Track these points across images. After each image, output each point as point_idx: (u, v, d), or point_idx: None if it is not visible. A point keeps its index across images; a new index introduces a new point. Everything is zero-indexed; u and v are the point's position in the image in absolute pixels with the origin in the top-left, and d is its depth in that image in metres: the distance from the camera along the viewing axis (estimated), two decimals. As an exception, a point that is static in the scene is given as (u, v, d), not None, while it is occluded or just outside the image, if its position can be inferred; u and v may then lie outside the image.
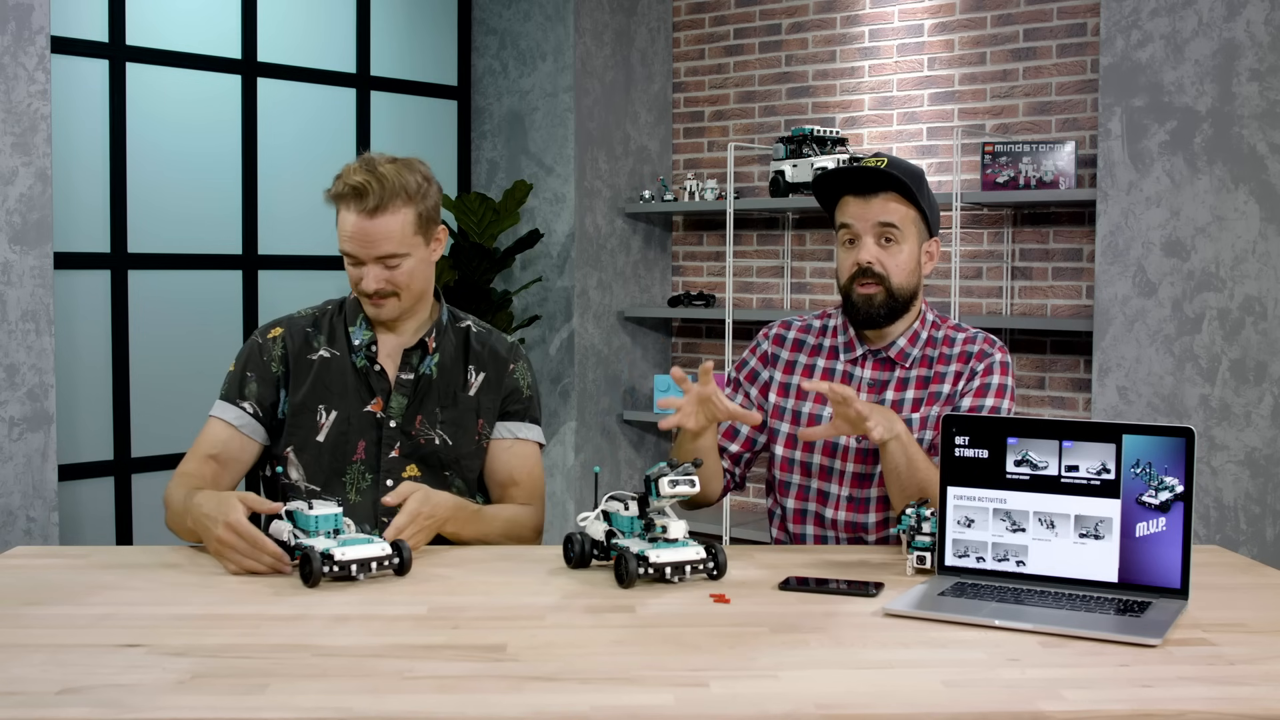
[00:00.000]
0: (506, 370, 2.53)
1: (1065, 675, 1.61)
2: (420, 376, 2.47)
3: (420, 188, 2.41)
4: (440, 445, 2.45)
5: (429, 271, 2.47)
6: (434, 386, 2.47)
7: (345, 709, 1.46)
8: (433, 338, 2.48)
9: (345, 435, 2.44)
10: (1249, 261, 4.01)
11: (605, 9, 5.39)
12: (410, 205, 2.39)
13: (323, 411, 2.45)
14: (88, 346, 4.38)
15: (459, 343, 2.53)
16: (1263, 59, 3.97)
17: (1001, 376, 2.42)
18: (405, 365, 2.47)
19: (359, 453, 2.44)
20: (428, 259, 2.45)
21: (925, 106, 5.01)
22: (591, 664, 1.64)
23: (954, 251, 4.74)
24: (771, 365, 2.54)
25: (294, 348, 2.48)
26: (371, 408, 2.45)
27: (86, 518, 4.41)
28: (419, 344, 2.48)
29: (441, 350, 2.50)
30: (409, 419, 2.45)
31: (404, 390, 2.46)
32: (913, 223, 2.40)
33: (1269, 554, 3.96)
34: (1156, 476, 1.94)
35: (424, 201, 2.42)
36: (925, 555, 2.09)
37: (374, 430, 2.45)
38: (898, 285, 2.39)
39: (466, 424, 2.48)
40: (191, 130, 4.64)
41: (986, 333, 2.49)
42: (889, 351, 2.45)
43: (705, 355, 5.63)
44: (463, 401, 2.48)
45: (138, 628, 1.79)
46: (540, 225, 5.36)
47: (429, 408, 2.46)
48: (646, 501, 2.05)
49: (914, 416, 2.40)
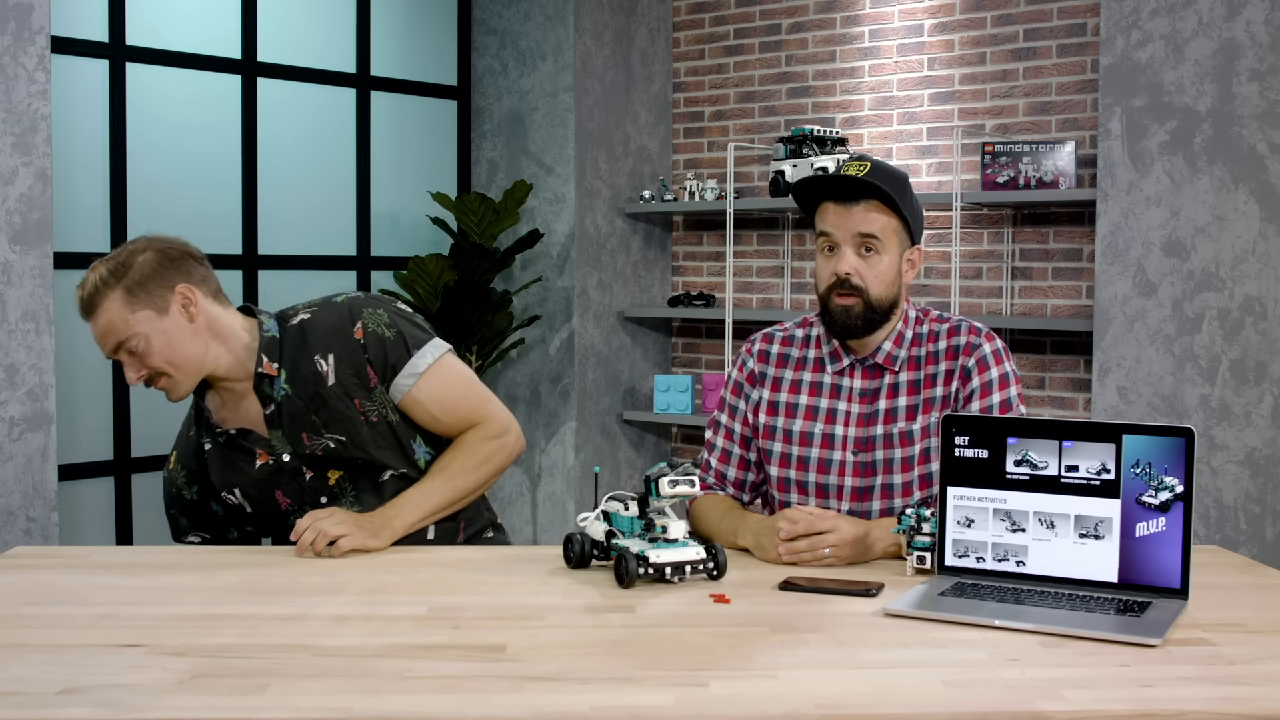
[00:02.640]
0: (350, 336, 2.39)
1: (1065, 675, 1.61)
2: (279, 403, 2.40)
3: (119, 270, 2.33)
4: (337, 446, 2.39)
5: (186, 335, 2.34)
6: (295, 402, 2.39)
7: (345, 709, 1.46)
8: (268, 363, 2.39)
9: (264, 497, 2.44)
10: (1249, 261, 4.01)
11: (605, 9, 5.38)
12: (112, 291, 2.31)
13: (234, 493, 2.46)
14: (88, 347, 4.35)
15: (298, 342, 2.41)
16: (1263, 59, 3.97)
17: (998, 366, 2.36)
18: (265, 400, 2.40)
19: (282, 502, 2.44)
20: (174, 326, 2.33)
21: (925, 106, 5.00)
22: (591, 664, 1.64)
23: (954, 251, 4.74)
24: (759, 384, 2.47)
25: (186, 459, 2.52)
26: (260, 460, 2.42)
27: (86, 518, 4.41)
28: (260, 376, 2.39)
29: (284, 363, 2.40)
30: (297, 443, 2.40)
31: (274, 423, 2.40)
32: (894, 232, 2.33)
33: (1269, 554, 3.96)
34: (1156, 476, 1.94)
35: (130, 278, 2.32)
36: (925, 555, 2.09)
37: (277, 475, 2.42)
38: (876, 296, 2.32)
39: (345, 412, 2.38)
40: (191, 130, 4.64)
41: (969, 321, 2.41)
42: (876, 358, 2.38)
43: (705, 355, 5.63)
44: (329, 394, 2.38)
45: (138, 628, 1.79)
46: (540, 225, 5.36)
47: (305, 421, 2.39)
48: (646, 501, 2.05)
49: (914, 428, 2.34)
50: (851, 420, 2.38)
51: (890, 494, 2.35)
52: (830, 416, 2.39)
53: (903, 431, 2.35)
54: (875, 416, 2.37)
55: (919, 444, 2.34)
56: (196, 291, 2.37)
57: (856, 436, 2.37)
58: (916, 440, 2.34)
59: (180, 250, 2.40)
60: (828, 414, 2.40)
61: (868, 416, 2.38)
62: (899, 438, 2.35)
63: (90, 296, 2.33)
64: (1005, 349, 2.40)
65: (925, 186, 4.96)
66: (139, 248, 2.37)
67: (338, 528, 2.23)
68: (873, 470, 2.36)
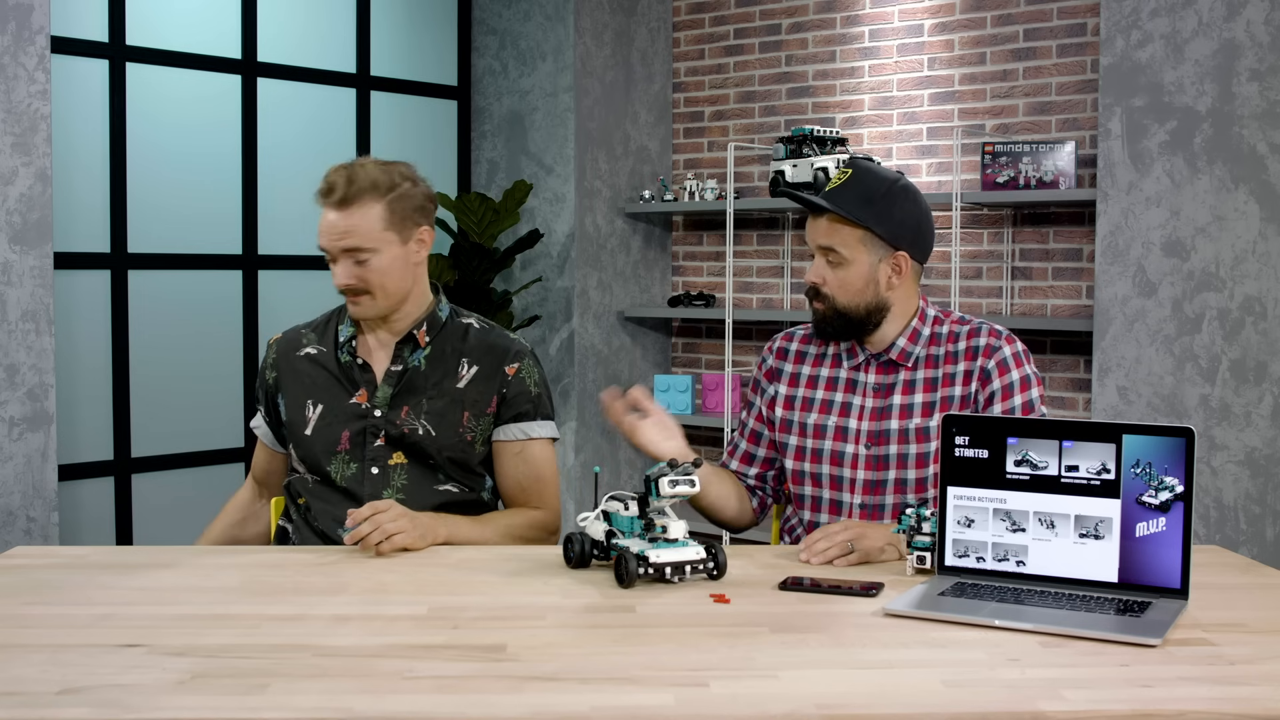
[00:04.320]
0: (502, 365, 2.52)
1: (1065, 675, 1.61)
2: (408, 368, 2.50)
3: (394, 184, 2.42)
4: (423, 435, 2.47)
5: (406, 271, 2.47)
6: (422, 378, 2.50)
7: (345, 709, 1.46)
8: (423, 331, 2.51)
9: (330, 426, 2.50)
10: (1249, 261, 4.01)
11: (605, 9, 5.39)
12: (379, 200, 2.40)
13: (310, 406, 2.52)
14: (88, 346, 4.38)
15: (456, 337, 2.54)
16: (1263, 59, 3.97)
17: (1019, 369, 2.37)
18: (396, 357, 2.51)
19: (343, 443, 2.49)
20: (404, 258, 2.46)
21: (925, 106, 5.01)
22: (591, 664, 1.64)
23: (954, 251, 4.74)
24: (776, 380, 2.52)
25: (282, 351, 2.59)
26: (357, 399, 2.50)
27: (86, 518, 4.41)
28: (408, 337, 2.51)
29: (434, 344, 2.52)
30: (395, 408, 2.49)
31: (390, 381, 2.50)
32: (859, 242, 2.34)
33: (1269, 554, 3.96)
34: (1156, 476, 1.94)
35: (398, 199, 2.43)
36: (925, 555, 2.09)
37: (358, 420, 2.49)
38: (844, 304, 2.37)
39: (450, 415, 2.49)
40: (191, 130, 4.64)
41: (990, 323, 2.44)
42: (890, 354, 2.41)
43: (705, 355, 5.63)
44: (450, 393, 2.50)
45: (138, 628, 1.79)
46: (540, 225, 5.36)
47: (415, 399, 2.49)
48: (646, 501, 2.05)
49: (930, 425, 2.36)
50: (865, 414, 2.41)
51: (903, 489, 2.37)
52: (844, 410, 2.43)
53: (919, 428, 2.37)
54: (889, 411, 2.39)
55: (934, 441, 2.36)
56: (430, 239, 2.51)
57: (870, 430, 2.39)
58: (932, 437, 2.36)
59: (432, 195, 2.53)
60: (841, 407, 2.43)
61: (881, 411, 2.40)
62: (914, 433, 2.37)
63: (356, 192, 2.40)
64: (1026, 352, 2.42)
65: (925, 186, 4.96)
66: (410, 174, 2.48)
67: (395, 524, 2.26)
68: (885, 464, 2.38)
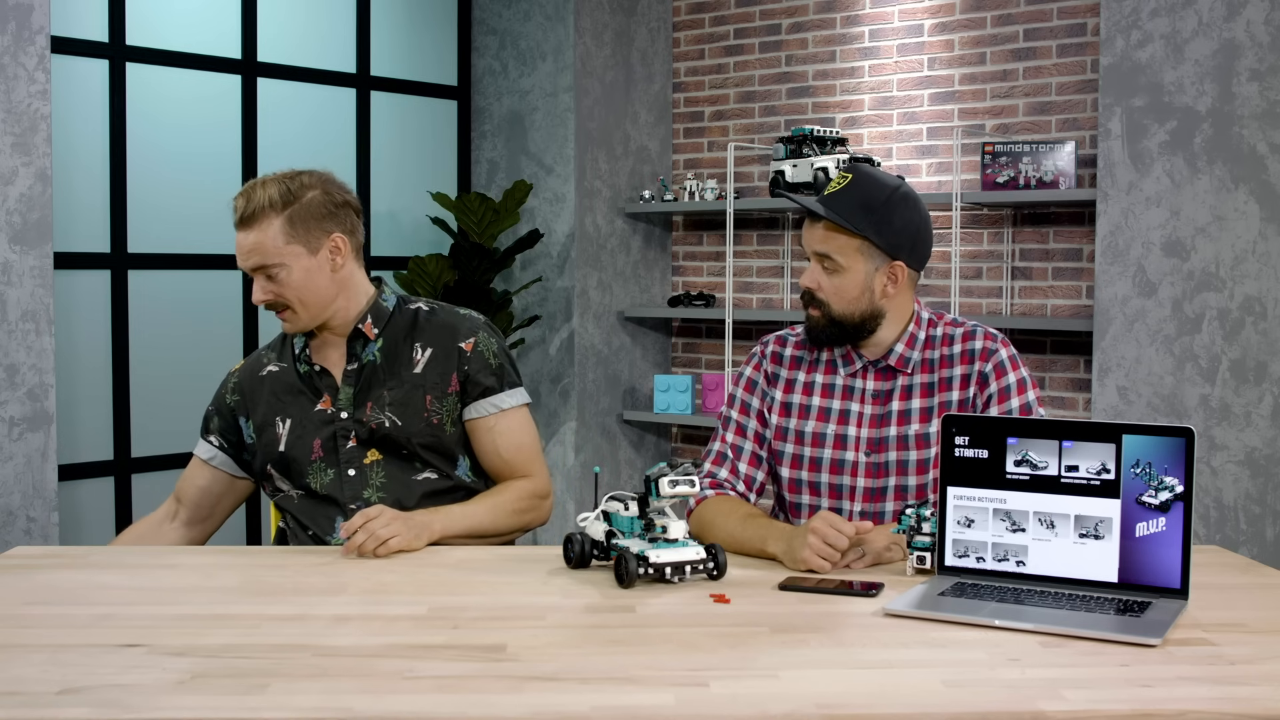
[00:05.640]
0: (456, 342, 2.51)
1: (1065, 675, 1.61)
2: (364, 364, 2.51)
3: (293, 198, 2.41)
4: (391, 427, 2.47)
5: (324, 279, 2.44)
6: (379, 370, 2.50)
7: (345, 709, 1.47)
8: (369, 324, 2.51)
9: (301, 438, 2.50)
10: (1249, 261, 4.01)
11: (605, 9, 5.38)
12: (276, 216, 2.40)
13: (280, 422, 2.53)
14: (88, 346, 4.38)
15: (406, 324, 2.54)
16: (1263, 59, 3.97)
17: (1015, 372, 2.37)
18: (351, 356, 2.52)
19: (316, 451, 2.49)
20: (316, 268, 2.43)
21: (925, 106, 5.00)
22: (591, 664, 1.64)
23: (954, 251, 4.74)
24: (772, 385, 2.47)
25: (245, 376, 2.60)
26: (321, 405, 2.51)
27: (86, 518, 4.41)
28: (356, 332, 2.51)
29: (385, 335, 2.52)
30: (359, 406, 2.49)
31: (350, 380, 2.51)
32: (855, 251, 2.32)
33: (1269, 554, 3.96)
34: (1156, 476, 1.94)
35: (299, 210, 2.41)
36: (925, 555, 2.09)
37: (326, 426, 2.50)
38: (838, 312, 2.34)
39: (413, 402, 2.48)
40: (191, 130, 4.64)
41: (984, 327, 2.43)
42: (888, 359, 2.39)
43: (705, 355, 5.63)
44: (408, 380, 2.50)
45: (138, 628, 1.79)
46: (540, 225, 5.36)
47: (376, 392, 2.49)
48: (646, 501, 2.05)
49: (929, 431, 2.34)
50: (864, 421, 2.38)
51: (904, 495, 2.35)
52: (843, 418, 2.40)
53: (918, 434, 2.35)
54: (888, 418, 2.37)
55: (934, 447, 2.34)
56: (347, 243, 2.47)
57: (869, 438, 2.37)
58: (932, 443, 2.34)
59: (344, 198, 2.50)
60: (840, 415, 2.40)
61: (880, 418, 2.38)
62: (914, 440, 2.35)
63: (253, 212, 2.41)
64: (1017, 355, 2.41)
65: (925, 186, 4.96)
66: (311, 183, 2.46)
67: (387, 529, 2.26)
68: (885, 471, 2.36)
